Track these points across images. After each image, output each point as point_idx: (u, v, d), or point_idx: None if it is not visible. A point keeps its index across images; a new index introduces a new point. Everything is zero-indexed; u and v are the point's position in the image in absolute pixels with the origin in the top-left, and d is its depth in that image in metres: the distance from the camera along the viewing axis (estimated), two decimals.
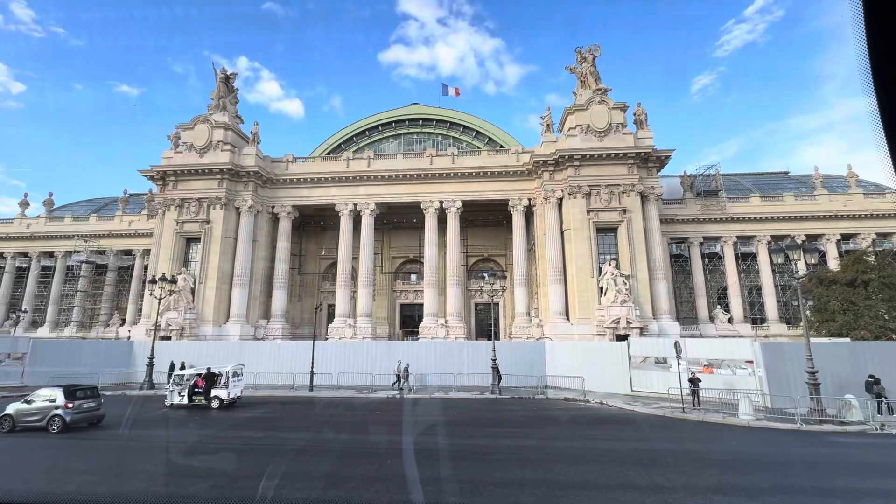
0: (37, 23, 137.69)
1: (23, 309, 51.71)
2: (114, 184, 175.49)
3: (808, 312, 35.63)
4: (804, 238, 45.65)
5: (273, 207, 46.33)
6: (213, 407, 22.93)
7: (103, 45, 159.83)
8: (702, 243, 47.27)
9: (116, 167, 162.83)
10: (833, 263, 42.48)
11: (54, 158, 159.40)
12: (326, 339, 40.98)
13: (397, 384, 29.43)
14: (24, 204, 57.62)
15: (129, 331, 43.61)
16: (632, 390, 27.44)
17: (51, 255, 54.64)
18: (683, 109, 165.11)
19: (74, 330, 50.78)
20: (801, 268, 32.16)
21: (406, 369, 29.73)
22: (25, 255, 55.34)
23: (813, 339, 25.81)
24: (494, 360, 28.87)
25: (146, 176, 44.78)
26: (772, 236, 46.13)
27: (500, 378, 28.65)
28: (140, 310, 46.94)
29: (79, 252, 52.20)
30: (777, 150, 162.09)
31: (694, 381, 22.54)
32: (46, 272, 54.73)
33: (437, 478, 11.65)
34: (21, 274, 55.51)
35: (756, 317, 46.02)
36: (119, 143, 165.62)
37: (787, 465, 13.29)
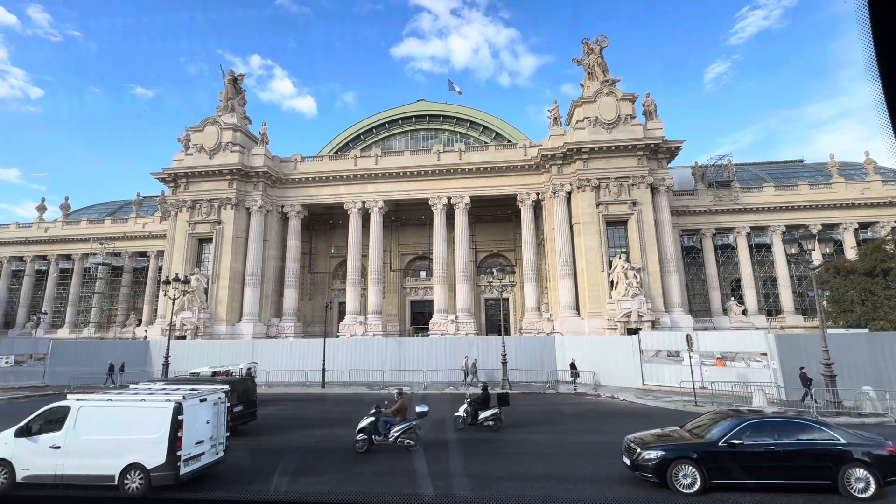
0: (53, 26, 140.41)
1: (43, 311, 53.13)
2: (128, 186, 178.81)
3: (824, 303, 34.95)
4: (820, 227, 44.72)
5: (283, 207, 46.76)
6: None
7: (118, 47, 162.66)
8: (714, 235, 46.56)
9: (131, 169, 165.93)
10: (850, 253, 41.54)
11: (71, 162, 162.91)
12: (338, 336, 41.36)
13: (466, 379, 29.46)
14: (42, 208, 59.03)
15: (146, 331, 44.49)
16: (643, 384, 27.25)
17: (68, 257, 55.88)
18: (697, 99, 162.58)
19: (93, 331, 51.93)
20: (817, 258, 31.56)
21: (475, 364, 29.82)
22: (44, 258, 56.68)
23: (829, 330, 25.37)
24: (504, 356, 28.88)
25: (158, 178, 45.49)
26: (786, 226, 45.24)
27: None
28: (155, 310, 47.82)
29: (95, 254, 53.34)
30: (793, 138, 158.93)
31: (804, 379, 20.00)
32: (65, 274, 56.00)
33: (447, 472, 11.74)
34: (40, 277, 56.88)
35: (771, 308, 45.29)
36: (133, 145, 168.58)
37: None
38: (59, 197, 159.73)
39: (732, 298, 45.31)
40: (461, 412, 16.72)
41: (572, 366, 28.21)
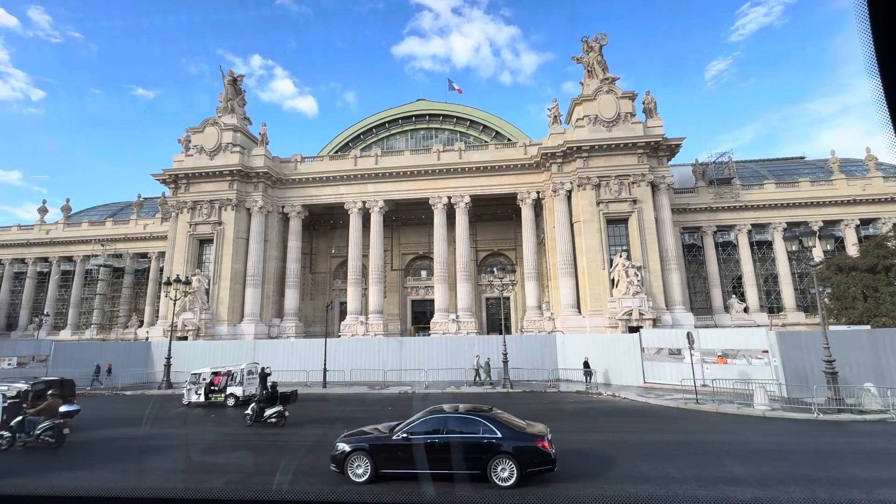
0: (54, 28, 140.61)
1: (45, 313, 53.27)
2: (130, 187, 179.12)
3: (826, 300, 34.89)
4: (821, 224, 44.66)
5: (283, 207, 46.79)
6: (229, 405, 23.38)
7: (119, 49, 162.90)
8: (715, 232, 46.50)
9: (132, 171, 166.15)
10: (852, 250, 41.45)
11: (72, 164, 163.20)
12: (339, 336, 41.40)
13: (477, 378, 29.44)
14: (43, 210, 59.19)
15: (147, 332, 44.57)
16: (645, 382, 27.23)
17: (70, 259, 56.03)
18: (698, 97, 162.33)
19: (95, 332, 52.08)
20: (818, 255, 31.50)
21: (487, 363, 29.59)
22: (46, 260, 56.84)
23: (831, 327, 25.32)
24: (505, 355, 28.88)
25: (159, 180, 45.56)
26: (788, 223, 45.17)
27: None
28: (157, 311, 47.94)
29: (96, 256, 53.48)
30: (794, 135, 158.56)
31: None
32: (66, 276, 56.16)
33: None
34: (42, 279, 57.06)
35: (773, 305, 45.22)
36: (134, 146, 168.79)
37: (803, 454, 13.08)
38: (60, 199, 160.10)
39: (734, 296, 45.25)
40: (249, 410, 18.15)
41: (586, 364, 27.50)
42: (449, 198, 44.42)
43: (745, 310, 44.01)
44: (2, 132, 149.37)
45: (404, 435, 10.78)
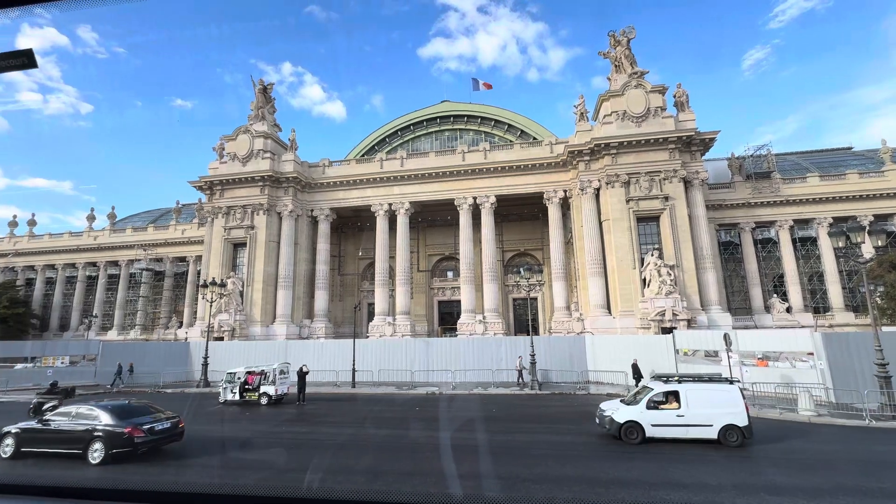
0: (100, 45, 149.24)
1: (93, 314, 56.44)
2: (170, 193, 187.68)
3: (878, 299, 32.77)
4: (872, 219, 41.95)
5: (312, 211, 47.88)
6: (263, 403, 24.08)
7: (159, 62, 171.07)
8: (754, 229, 44.44)
9: (172, 177, 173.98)
10: None
11: (117, 172, 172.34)
12: (367, 337, 41.97)
13: (520, 379, 29.02)
14: (91, 217, 62.76)
15: (186, 332, 46.48)
16: None
17: (116, 263, 59.13)
18: (734, 88, 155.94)
19: (139, 332, 54.77)
20: (869, 251, 29.55)
21: (532, 364, 28.23)
22: (94, 264, 60.22)
23: (885, 328, 23.77)
24: (533, 356, 28.54)
25: (195, 186, 47.49)
26: (834, 218, 42.64)
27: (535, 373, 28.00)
28: (195, 312, 49.88)
29: (139, 260, 56.24)
30: (841, 125, 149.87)
31: None
32: (113, 280, 59.32)
33: (475, 473, 11.69)
34: (91, 282, 60.49)
35: (818, 305, 42.80)
36: (174, 154, 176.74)
37: (853, 464, 12.32)
38: (107, 206, 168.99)
39: (775, 295, 43.08)
40: (32, 404, 20.18)
41: (634, 367, 26.04)
42: (474, 198, 44.32)
43: (788, 310, 41.85)
44: (56, 145, 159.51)
45: (37, 420, 13.42)
